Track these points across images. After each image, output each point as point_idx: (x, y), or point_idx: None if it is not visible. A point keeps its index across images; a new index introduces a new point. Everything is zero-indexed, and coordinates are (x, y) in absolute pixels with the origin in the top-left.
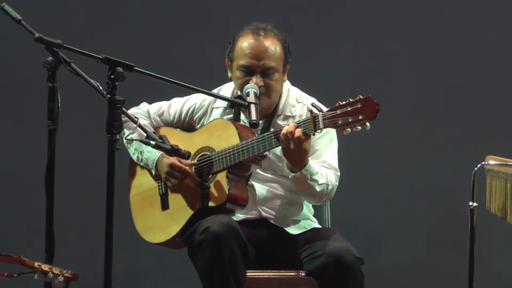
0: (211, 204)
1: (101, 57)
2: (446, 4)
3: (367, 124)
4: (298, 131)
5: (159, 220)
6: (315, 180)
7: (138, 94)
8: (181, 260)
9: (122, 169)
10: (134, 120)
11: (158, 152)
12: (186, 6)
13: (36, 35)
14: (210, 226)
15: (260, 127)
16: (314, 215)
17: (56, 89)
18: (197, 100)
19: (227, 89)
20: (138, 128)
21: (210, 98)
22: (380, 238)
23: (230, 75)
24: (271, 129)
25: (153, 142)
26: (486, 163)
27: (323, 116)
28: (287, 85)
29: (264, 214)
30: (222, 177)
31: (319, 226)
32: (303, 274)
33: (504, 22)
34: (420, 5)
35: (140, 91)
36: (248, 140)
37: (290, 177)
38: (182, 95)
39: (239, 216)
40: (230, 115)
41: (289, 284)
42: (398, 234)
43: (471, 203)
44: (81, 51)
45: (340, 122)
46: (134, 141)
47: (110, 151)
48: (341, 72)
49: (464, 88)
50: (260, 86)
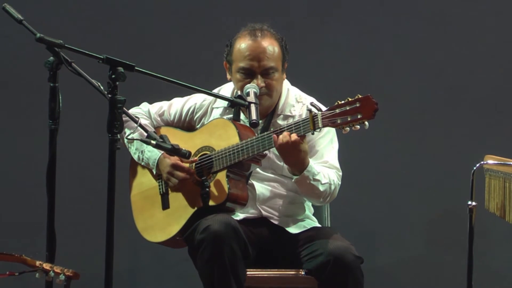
0: (211, 203)
1: (102, 57)
2: (445, 4)
3: (366, 123)
4: (293, 136)
5: (159, 220)
6: (318, 180)
7: (138, 94)
8: (181, 258)
9: (123, 168)
10: (135, 119)
11: (159, 152)
12: (187, 6)
13: (38, 35)
14: (210, 225)
15: (260, 127)
16: (314, 214)
17: (57, 89)
18: (197, 100)
19: (227, 89)
20: (139, 127)
21: (210, 98)
22: (380, 237)
23: (229, 77)
24: (271, 128)
25: (154, 142)
26: (485, 162)
27: (322, 115)
28: (287, 85)
29: (264, 213)
30: (222, 176)
31: (319, 225)
32: (303, 273)
33: (502, 22)
34: (419, 5)
35: (141, 91)
36: (248, 139)
37: (293, 180)
38: (182, 95)
39: (239, 215)
40: (230, 115)
41: (289, 283)
42: (397, 233)
43: (470, 202)
44: (82, 51)
45: (339, 121)
46: (135, 141)
47: (111, 150)
48: (340, 72)
49: (463, 88)
50: (261, 87)
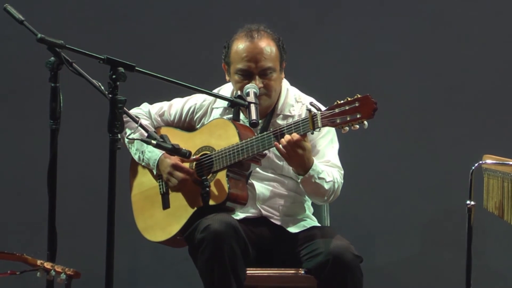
0: (211, 202)
1: (102, 57)
2: (445, 4)
3: (365, 122)
4: (294, 135)
5: (160, 219)
6: (323, 179)
7: (139, 94)
8: (182, 258)
9: (124, 168)
10: (136, 119)
11: (160, 152)
12: (187, 7)
13: (39, 35)
14: (210, 225)
15: (259, 127)
16: (314, 214)
17: (58, 89)
18: (197, 100)
19: (226, 89)
20: (140, 127)
21: (210, 98)
22: (379, 236)
23: (228, 78)
24: (270, 128)
25: (154, 142)
26: (484, 162)
27: (321, 115)
28: (286, 85)
29: (264, 212)
30: (222, 176)
31: (319, 225)
32: (302, 272)
33: (502, 22)
34: (419, 5)
35: (141, 91)
36: (248, 139)
37: (299, 180)
38: (182, 95)
39: (239, 215)
40: (230, 115)
41: (288, 282)
42: (396, 232)
43: (468, 202)
44: (83, 51)
45: (338, 121)
46: (135, 141)
47: (111, 150)
48: (340, 72)
49: (462, 88)
50: (260, 88)
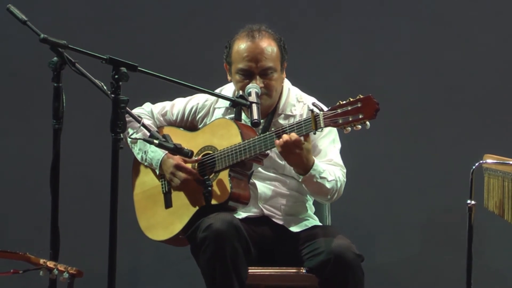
0: (213, 202)
1: (105, 57)
2: (445, 4)
3: (367, 123)
4: (292, 135)
5: (162, 218)
6: (324, 178)
7: (141, 94)
8: (184, 257)
9: (126, 167)
10: (138, 119)
11: (162, 152)
12: (189, 7)
13: (42, 35)
14: (212, 224)
15: (261, 126)
16: (315, 213)
17: (61, 89)
18: (199, 100)
19: (228, 89)
20: (142, 127)
21: (213, 98)
22: (380, 235)
23: (229, 78)
24: (272, 128)
25: (156, 141)
26: (484, 161)
27: (324, 115)
28: (288, 84)
29: (266, 212)
30: (224, 175)
31: (320, 224)
32: (304, 271)
33: (501, 23)
34: (419, 5)
35: (144, 91)
36: (250, 139)
37: (300, 180)
38: (185, 95)
39: (241, 214)
40: (232, 115)
41: (290, 281)
42: (397, 231)
43: (469, 201)
44: (85, 51)
45: (340, 121)
46: (138, 141)
47: (114, 149)
48: (341, 73)
49: (462, 88)
50: (261, 88)
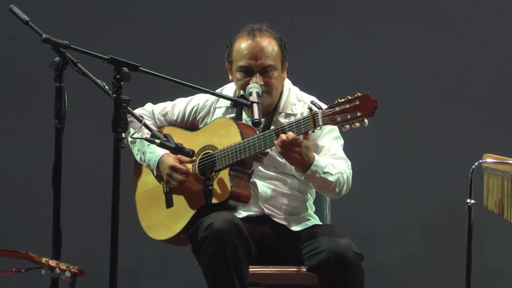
0: (214, 201)
1: (107, 57)
2: (444, 5)
3: (365, 120)
4: (290, 134)
5: (164, 218)
6: (327, 172)
7: (143, 94)
8: (185, 256)
9: (128, 167)
10: (139, 119)
11: (159, 153)
12: (190, 7)
13: (44, 36)
14: (213, 223)
15: (261, 125)
16: (315, 212)
17: (63, 88)
18: (200, 100)
19: (229, 89)
20: (143, 127)
21: (213, 98)
22: (380, 234)
23: (231, 77)
24: (272, 127)
25: (158, 141)
26: (484, 161)
27: (322, 114)
28: (288, 84)
29: (267, 211)
30: (224, 174)
31: (320, 223)
32: (304, 270)
33: (499, 23)
34: (419, 5)
35: (145, 91)
36: (250, 138)
37: (303, 178)
38: (186, 95)
39: (241, 213)
40: (232, 114)
41: (290, 280)
42: (397, 231)
43: (468, 200)
44: (87, 51)
45: (339, 119)
46: (137, 142)
47: (115, 149)
48: (341, 73)
49: (462, 87)
50: (260, 85)
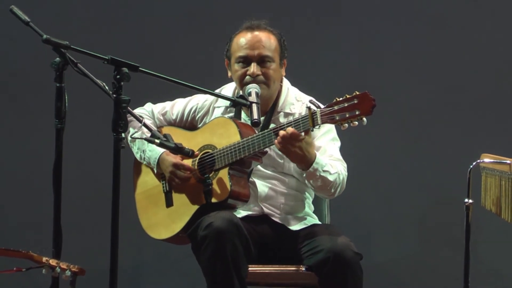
0: (214, 200)
1: (107, 57)
2: (443, 5)
3: (364, 119)
4: (289, 129)
5: (163, 217)
6: (327, 171)
7: (143, 94)
8: (185, 255)
9: (128, 166)
10: (139, 119)
11: (159, 151)
12: (190, 7)
13: (44, 36)
14: (213, 222)
15: (261, 125)
16: (314, 212)
17: (64, 89)
18: (199, 100)
19: (228, 89)
20: (143, 127)
21: (212, 98)
22: (378, 234)
23: (230, 74)
24: (271, 126)
25: (157, 141)
26: (481, 161)
27: (321, 112)
28: (287, 84)
29: (266, 210)
30: (224, 173)
31: (319, 222)
32: (303, 269)
33: (499, 23)
34: (419, 5)
35: (145, 91)
36: (249, 137)
37: (304, 175)
38: (185, 95)
39: (241, 213)
40: (231, 114)
41: (289, 279)
42: (395, 230)
43: (466, 200)
44: (87, 52)
45: (337, 118)
46: (137, 140)
47: (115, 149)
48: (340, 72)
49: (460, 87)
50: (258, 76)
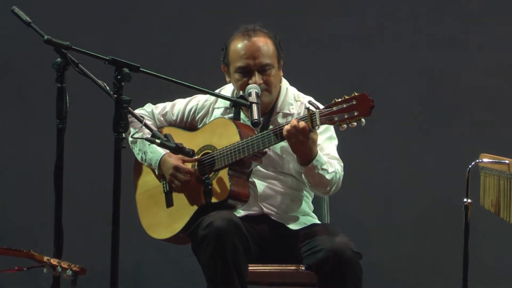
0: (213, 200)
1: (108, 58)
2: (444, 4)
3: (362, 120)
4: (301, 123)
5: (164, 217)
6: (325, 170)
7: (143, 94)
8: (185, 254)
9: (129, 166)
10: (140, 119)
11: (161, 153)
12: (190, 8)
13: (46, 37)
14: (213, 222)
15: (260, 125)
16: (314, 211)
17: (65, 89)
18: (199, 100)
19: (228, 89)
20: (144, 127)
21: (212, 98)
22: (378, 233)
23: (228, 79)
24: (270, 126)
25: (158, 141)
26: (480, 160)
27: (319, 113)
28: (285, 84)
29: (265, 210)
30: (224, 174)
31: (319, 222)
32: (303, 268)
33: (501, 23)
34: (419, 6)
35: (146, 91)
36: (248, 137)
37: (302, 170)
38: (185, 95)
39: (241, 212)
40: (231, 115)
41: (289, 278)
42: (394, 229)
43: (465, 200)
44: (88, 52)
45: (336, 119)
46: (138, 141)
47: (116, 149)
48: (340, 72)
49: (459, 87)
50: (260, 84)
